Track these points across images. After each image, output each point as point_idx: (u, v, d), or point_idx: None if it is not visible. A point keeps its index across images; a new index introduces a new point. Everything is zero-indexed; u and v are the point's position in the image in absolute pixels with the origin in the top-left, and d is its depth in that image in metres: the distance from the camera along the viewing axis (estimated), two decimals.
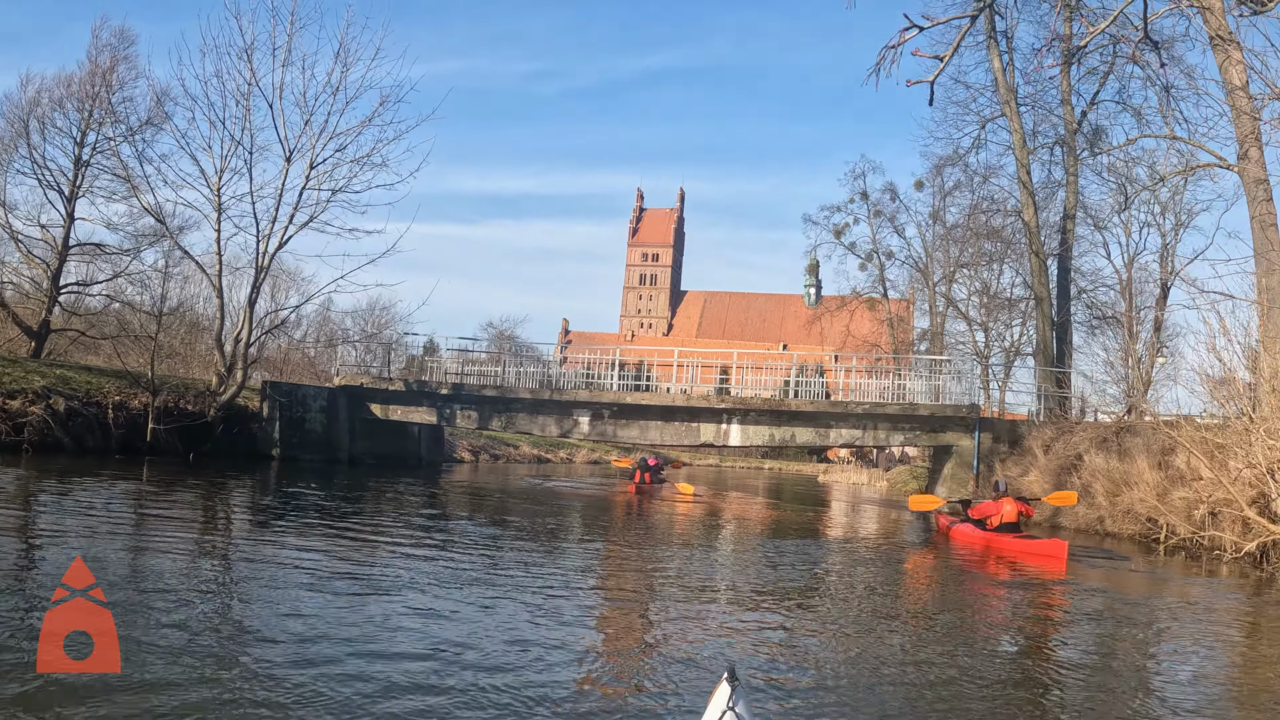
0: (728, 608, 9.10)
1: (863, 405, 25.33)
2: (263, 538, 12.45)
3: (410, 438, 32.66)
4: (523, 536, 14.92)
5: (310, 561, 10.06)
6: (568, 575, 10.76)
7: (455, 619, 7.45)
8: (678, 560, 13.03)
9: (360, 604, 7.91)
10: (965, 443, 25.89)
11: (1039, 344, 31.78)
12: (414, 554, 11.32)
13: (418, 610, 7.67)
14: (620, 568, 12.10)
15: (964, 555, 15.52)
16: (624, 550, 14.03)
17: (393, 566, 10.04)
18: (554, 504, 22.80)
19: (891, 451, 72.40)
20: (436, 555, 11.44)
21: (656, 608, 8.99)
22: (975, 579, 13.00)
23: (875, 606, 10.05)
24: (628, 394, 26.28)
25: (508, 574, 10.12)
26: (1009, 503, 15.73)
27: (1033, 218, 31.58)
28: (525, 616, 7.74)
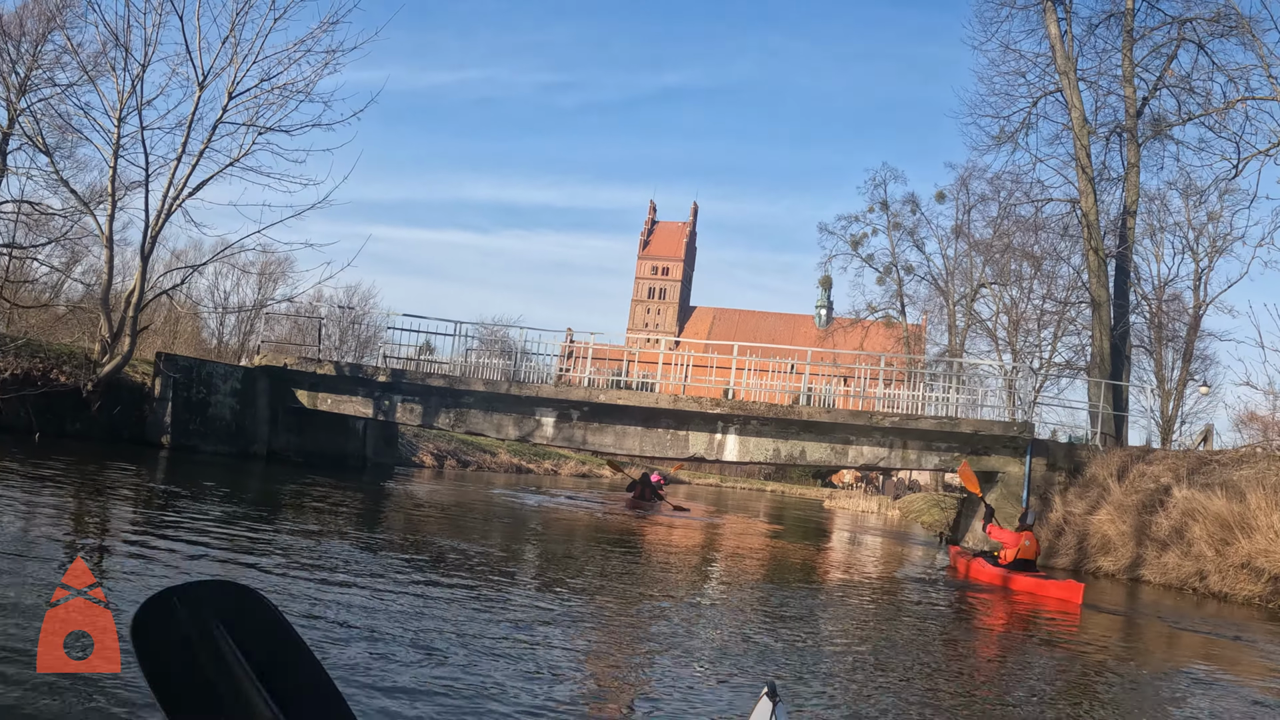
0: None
1: (891, 417, 19.61)
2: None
3: (353, 434, 27.11)
4: (452, 572, 10.13)
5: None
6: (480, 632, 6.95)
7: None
8: (657, 619, 8.76)
9: None
10: (1014, 469, 20.22)
11: (1094, 356, 26.15)
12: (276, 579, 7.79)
13: None
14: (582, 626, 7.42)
15: (974, 600, 13.35)
16: (587, 601, 9.47)
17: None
18: (516, 527, 17.33)
19: (901, 477, 66.58)
20: (310, 590, 7.74)
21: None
22: (977, 637, 10.53)
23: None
24: (601, 391, 20.64)
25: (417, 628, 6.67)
26: (1029, 537, 14.18)
27: (1092, 208, 26.09)
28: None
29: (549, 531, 17.30)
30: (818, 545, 22.37)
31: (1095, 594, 16.27)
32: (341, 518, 14.75)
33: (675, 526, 22.29)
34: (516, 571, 11.22)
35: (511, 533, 16.26)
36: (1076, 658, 9.25)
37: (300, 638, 2.31)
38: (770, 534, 24.18)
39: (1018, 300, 46.37)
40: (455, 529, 15.52)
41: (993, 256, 47.40)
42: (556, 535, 16.75)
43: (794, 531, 26.07)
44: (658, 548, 16.50)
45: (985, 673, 8.25)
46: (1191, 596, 16.31)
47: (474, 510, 19.60)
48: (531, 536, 16.08)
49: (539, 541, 15.45)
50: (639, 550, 15.48)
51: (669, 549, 16.53)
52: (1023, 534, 14.23)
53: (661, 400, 20.49)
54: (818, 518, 36.12)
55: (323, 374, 23.18)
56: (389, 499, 20.09)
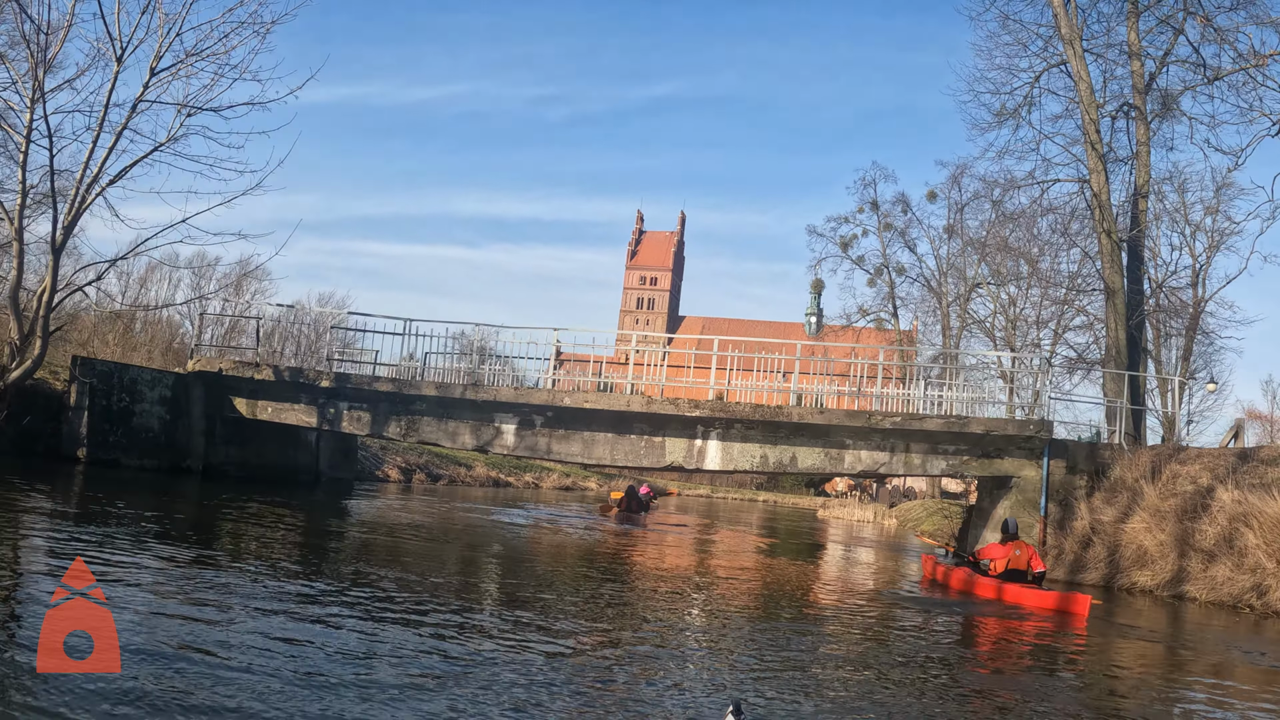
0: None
1: (892, 418, 17.10)
2: None
3: (303, 447, 24.51)
4: (380, 607, 8.35)
5: None
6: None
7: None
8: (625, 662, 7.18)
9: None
10: (1030, 473, 17.76)
11: (1109, 347, 23.67)
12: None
13: None
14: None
15: (962, 611, 12.25)
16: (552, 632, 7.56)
17: None
18: (473, 550, 14.80)
19: (896, 484, 64.01)
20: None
21: None
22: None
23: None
24: (566, 394, 18.08)
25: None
26: (1020, 546, 13.02)
27: (1103, 186, 23.72)
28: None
29: (513, 555, 14.76)
30: (811, 562, 19.85)
31: (1130, 614, 13.83)
32: (268, 543, 12.30)
33: (665, 545, 19.90)
34: (460, 608, 8.85)
35: (467, 559, 13.70)
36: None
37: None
38: (762, 550, 21.72)
39: (1016, 298, 44.15)
40: (399, 555, 13.04)
41: (989, 253, 45.19)
42: (520, 560, 14.20)
43: (786, 547, 23.56)
44: (639, 573, 14.00)
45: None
46: (1248, 616, 13.84)
47: (430, 531, 17.04)
48: (490, 563, 13.52)
49: (498, 569, 12.89)
50: (618, 577, 12.95)
51: (651, 574, 14.00)
52: (1010, 544, 13.00)
53: (634, 403, 17.94)
54: (811, 529, 33.58)
55: (261, 379, 20.60)
56: (335, 519, 17.54)
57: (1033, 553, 13.03)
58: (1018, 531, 13.44)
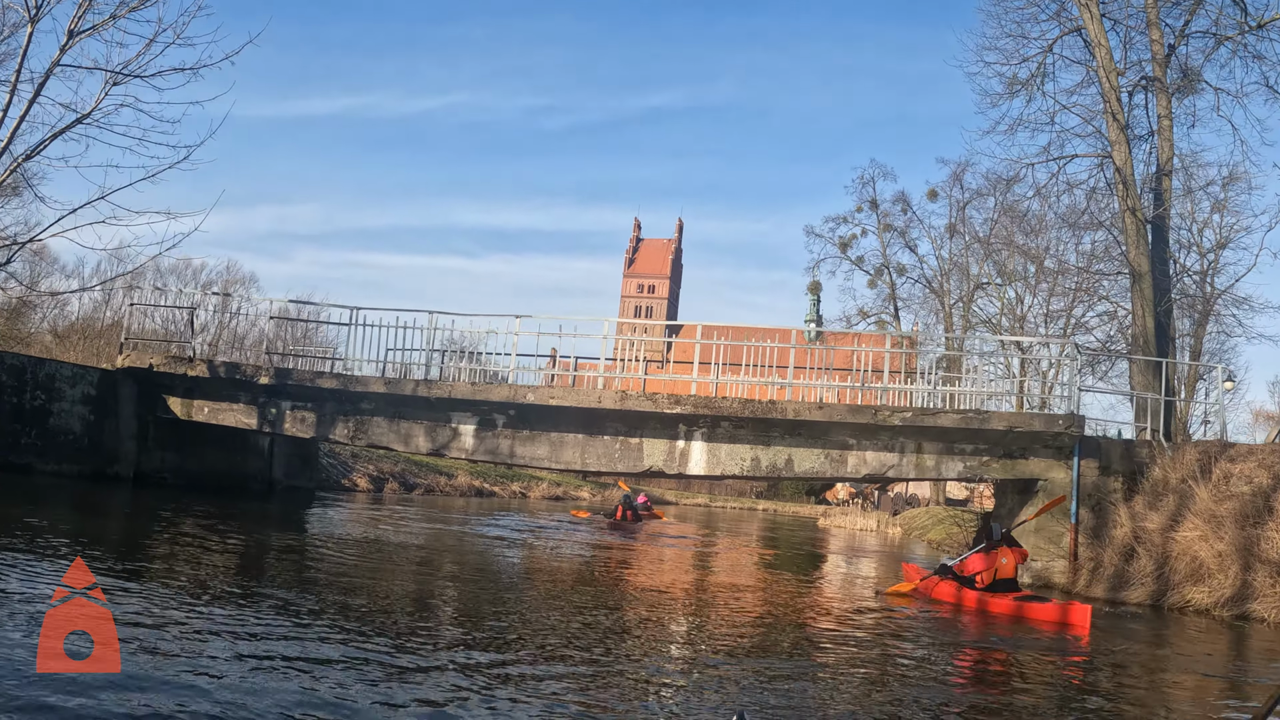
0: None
1: (902, 413, 14.65)
2: None
3: (254, 452, 22.12)
4: (329, 632, 7.05)
5: None
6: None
7: None
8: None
9: None
10: (1059, 475, 15.35)
11: (1135, 336, 21.25)
12: None
13: None
14: None
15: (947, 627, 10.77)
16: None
17: None
18: (431, 571, 12.21)
19: (898, 491, 61.40)
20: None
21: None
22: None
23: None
24: (530, 390, 15.65)
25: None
26: (1006, 553, 11.72)
27: (1126, 160, 21.36)
28: None
29: (490, 576, 12.27)
30: (813, 577, 17.37)
31: (1184, 638, 11.41)
32: (188, 561, 9.95)
33: (663, 560, 17.53)
34: (409, 644, 6.63)
35: (427, 580, 11.23)
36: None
37: None
38: (762, 562, 19.32)
39: (1023, 295, 41.84)
40: (345, 576, 10.59)
41: (994, 250, 42.91)
42: (498, 581, 11.72)
43: (787, 561, 21.10)
44: (630, 595, 11.50)
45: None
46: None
47: (391, 547, 14.56)
48: (458, 585, 11.03)
49: (467, 592, 10.41)
50: (606, 600, 10.44)
51: (644, 595, 11.50)
52: (997, 551, 11.88)
53: (606, 399, 15.51)
54: (811, 539, 31.08)
55: (195, 376, 18.20)
56: (280, 532, 15.05)
57: (1015, 553, 11.92)
58: (1003, 537, 12.17)
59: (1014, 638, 10.18)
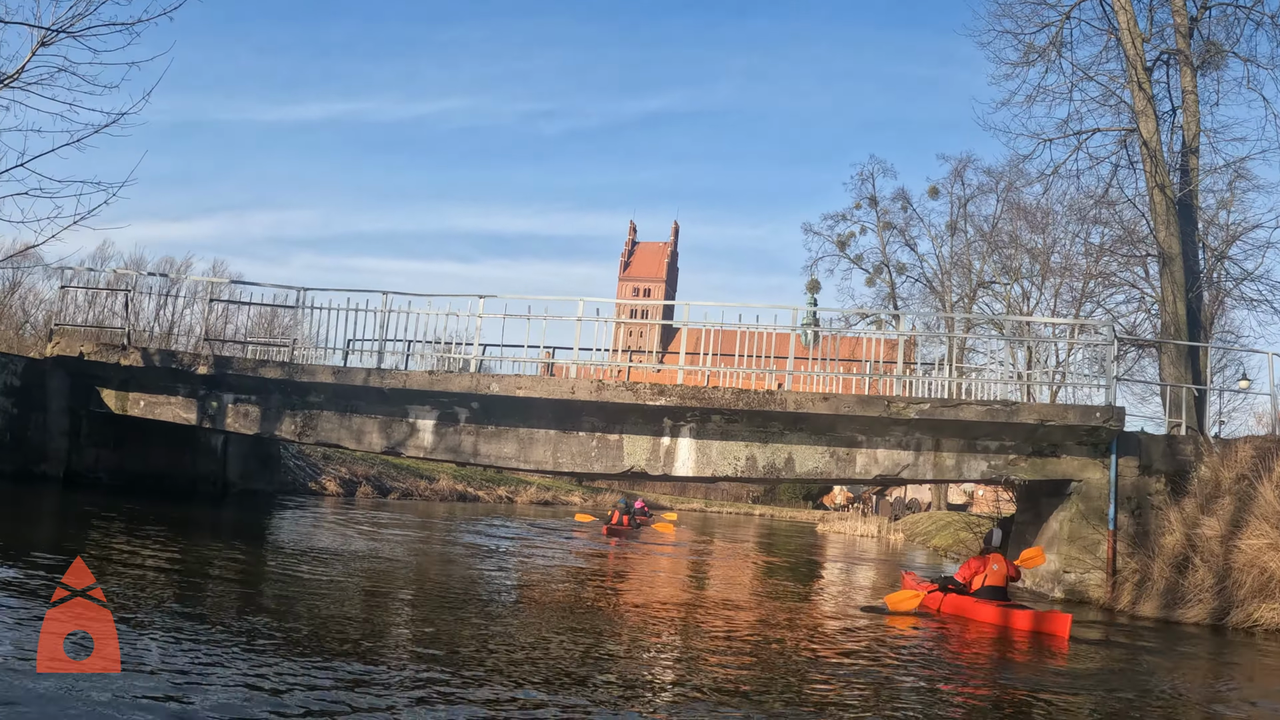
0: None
1: (919, 405, 12.60)
2: None
3: (205, 451, 20.05)
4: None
5: None
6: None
7: None
8: None
9: None
10: (1095, 474, 13.35)
11: (1165, 324, 19.25)
12: None
13: None
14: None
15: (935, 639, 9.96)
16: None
17: None
18: (404, 590, 10.22)
19: (899, 495, 59.27)
20: None
21: None
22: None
23: None
24: (494, 379, 13.58)
25: None
26: (998, 559, 11.26)
27: (1154, 133, 19.38)
28: None
29: (436, 596, 10.16)
30: (810, 589, 15.31)
31: (1262, 671, 9.34)
32: (111, 575, 7.86)
33: (658, 570, 15.59)
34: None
35: (378, 604, 9.14)
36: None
37: None
38: (759, 572, 17.40)
39: (1029, 292, 39.93)
40: (290, 595, 8.57)
41: (999, 245, 41.02)
42: (446, 602, 9.61)
43: (785, 570, 19.09)
44: (617, 616, 9.42)
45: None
46: None
47: (348, 560, 12.44)
48: (410, 610, 8.93)
49: (417, 617, 8.32)
50: (586, 626, 8.37)
51: (633, 616, 9.40)
52: (989, 557, 11.44)
53: (580, 389, 13.43)
54: (810, 545, 29.01)
55: (129, 365, 16.10)
56: (224, 543, 12.88)
57: (1008, 564, 11.33)
58: (1000, 544, 11.75)
59: (1035, 665, 8.79)
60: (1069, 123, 20.88)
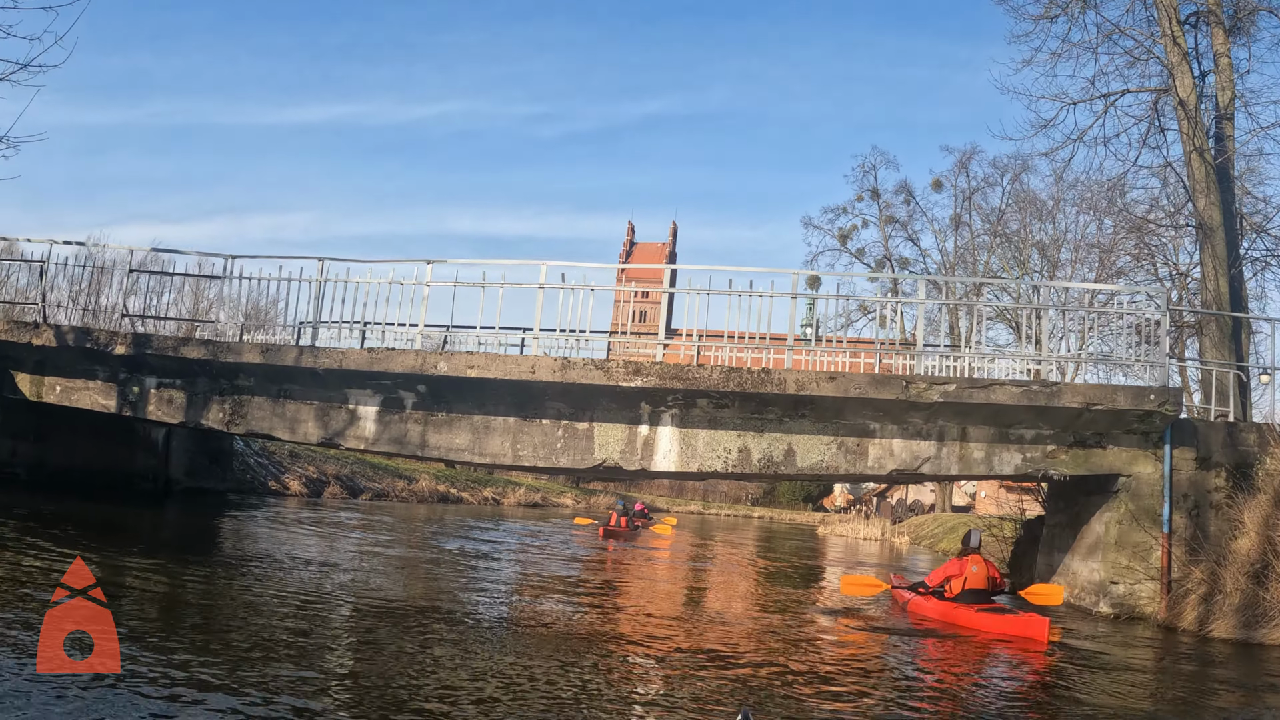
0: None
1: (943, 386, 10.44)
2: None
3: (142, 444, 18.00)
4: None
5: None
6: None
7: None
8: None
9: None
10: (1146, 468, 11.19)
11: (1206, 302, 17.14)
12: None
13: None
14: None
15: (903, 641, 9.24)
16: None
17: None
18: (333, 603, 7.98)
19: (900, 496, 57.01)
20: None
21: None
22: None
23: None
24: (442, 357, 11.40)
25: None
26: (976, 561, 10.40)
27: (1190, 92, 17.26)
28: None
29: (384, 617, 7.99)
30: (814, 597, 13.15)
31: None
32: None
33: (654, 579, 13.66)
34: None
35: (314, 628, 7.00)
36: None
37: None
38: (759, 579, 15.41)
39: (1039, 285, 37.94)
40: (219, 619, 6.51)
41: (1007, 238, 39.01)
42: (395, 627, 7.45)
43: (785, 578, 16.98)
44: (605, 637, 7.26)
45: None
46: None
47: (279, 574, 10.24)
48: (348, 638, 6.78)
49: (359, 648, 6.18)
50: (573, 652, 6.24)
51: (623, 632, 7.24)
52: (968, 558, 10.59)
53: (541, 368, 11.24)
54: (810, 549, 26.85)
55: (43, 345, 13.94)
56: (145, 549, 10.63)
57: (991, 567, 10.59)
58: (979, 545, 10.85)
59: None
60: (1095, 83, 18.72)
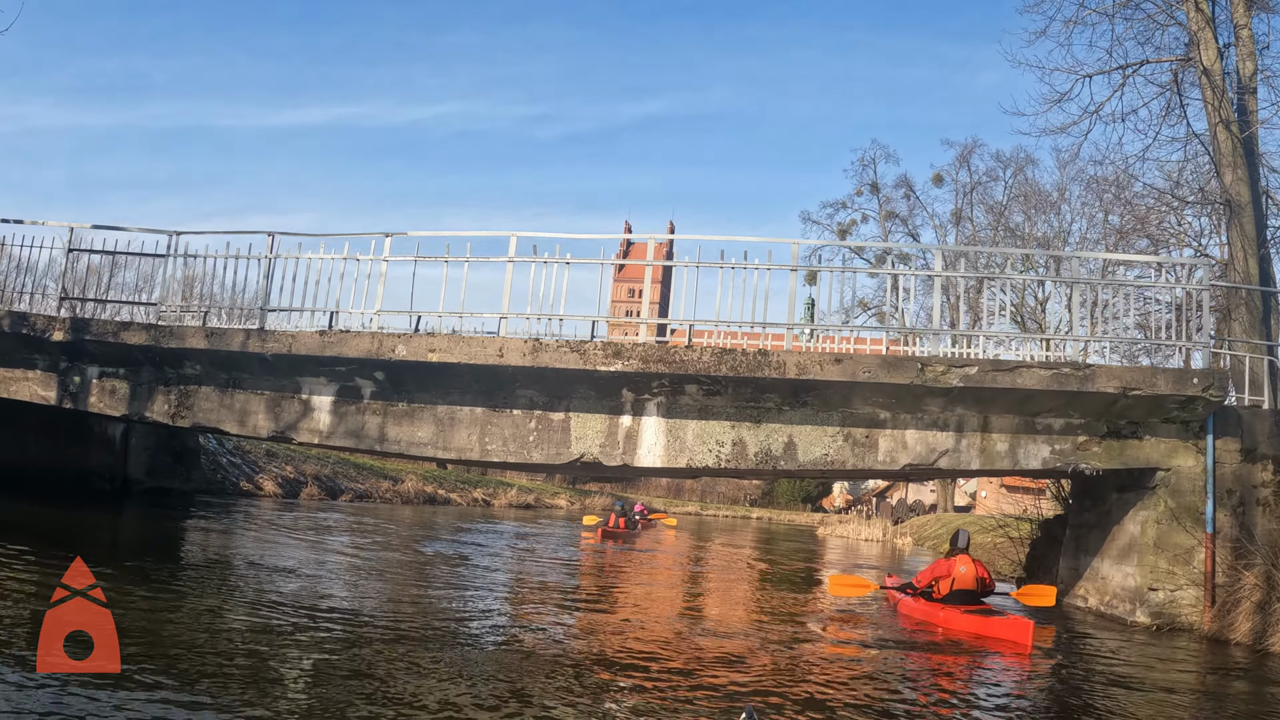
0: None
1: (963, 369, 9.11)
2: None
3: (97, 441, 16.77)
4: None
5: None
6: None
7: None
8: None
9: None
10: (1186, 461, 9.91)
11: (1233, 282, 15.83)
12: None
13: None
14: None
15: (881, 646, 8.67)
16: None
17: None
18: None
19: (901, 496, 55.68)
20: None
21: None
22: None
23: None
24: (400, 338, 10.11)
25: None
26: (965, 561, 9.94)
27: (1215, 60, 16.05)
28: None
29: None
30: (813, 602, 11.88)
31: None
32: None
33: (651, 584, 12.57)
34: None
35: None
36: None
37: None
38: (758, 583, 14.27)
39: (1044, 279, 36.83)
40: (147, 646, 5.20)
41: (1010, 231, 37.90)
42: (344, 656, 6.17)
43: (784, 581, 15.75)
44: (594, 654, 5.98)
45: None
46: None
47: (240, 582, 8.95)
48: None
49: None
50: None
51: (613, 649, 5.96)
52: (956, 558, 9.92)
53: (510, 350, 9.95)
54: (811, 551, 25.56)
55: None
56: (92, 557, 9.34)
57: (980, 567, 10.08)
58: (968, 545, 10.30)
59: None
60: (1112, 53, 17.44)
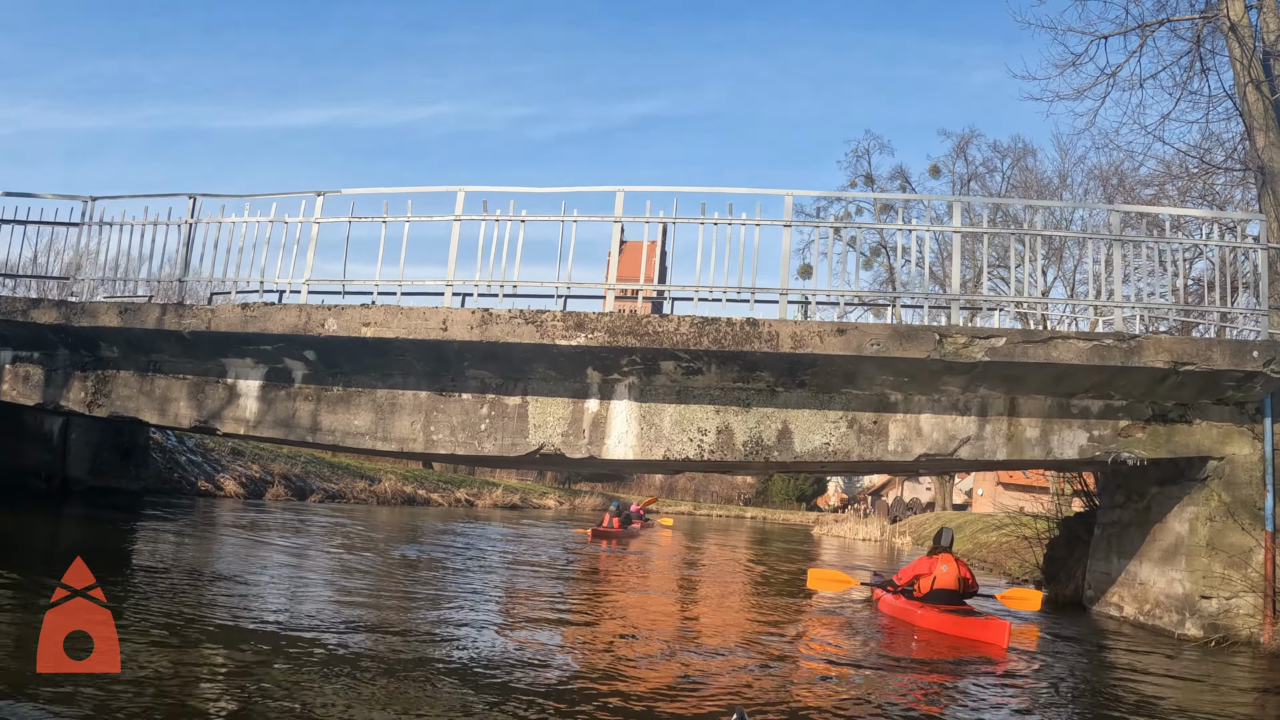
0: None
1: (989, 341, 7.57)
2: None
3: (32, 437, 15.19)
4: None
5: None
6: None
7: None
8: None
9: None
10: (1241, 449, 8.40)
11: (1271, 256, 14.35)
12: None
13: None
14: None
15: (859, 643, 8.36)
16: None
17: None
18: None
19: (897, 494, 54.18)
20: None
21: None
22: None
23: None
24: (330, 312, 8.57)
25: None
26: (946, 560, 9.64)
27: (1243, 16, 14.56)
28: None
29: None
30: (810, 608, 10.46)
31: None
32: None
33: (644, 588, 11.38)
34: None
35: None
36: None
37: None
38: (754, 586, 12.98)
39: (1046, 268, 35.63)
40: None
41: (1010, 216, 36.52)
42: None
43: (782, 584, 14.33)
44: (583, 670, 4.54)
45: None
46: None
47: (180, 595, 7.46)
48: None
49: None
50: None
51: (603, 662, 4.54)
52: (938, 557, 9.60)
53: (456, 323, 8.44)
54: (807, 552, 24.12)
55: None
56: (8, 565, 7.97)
57: (963, 567, 9.52)
58: (950, 544, 9.75)
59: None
60: (1128, 11, 15.97)
